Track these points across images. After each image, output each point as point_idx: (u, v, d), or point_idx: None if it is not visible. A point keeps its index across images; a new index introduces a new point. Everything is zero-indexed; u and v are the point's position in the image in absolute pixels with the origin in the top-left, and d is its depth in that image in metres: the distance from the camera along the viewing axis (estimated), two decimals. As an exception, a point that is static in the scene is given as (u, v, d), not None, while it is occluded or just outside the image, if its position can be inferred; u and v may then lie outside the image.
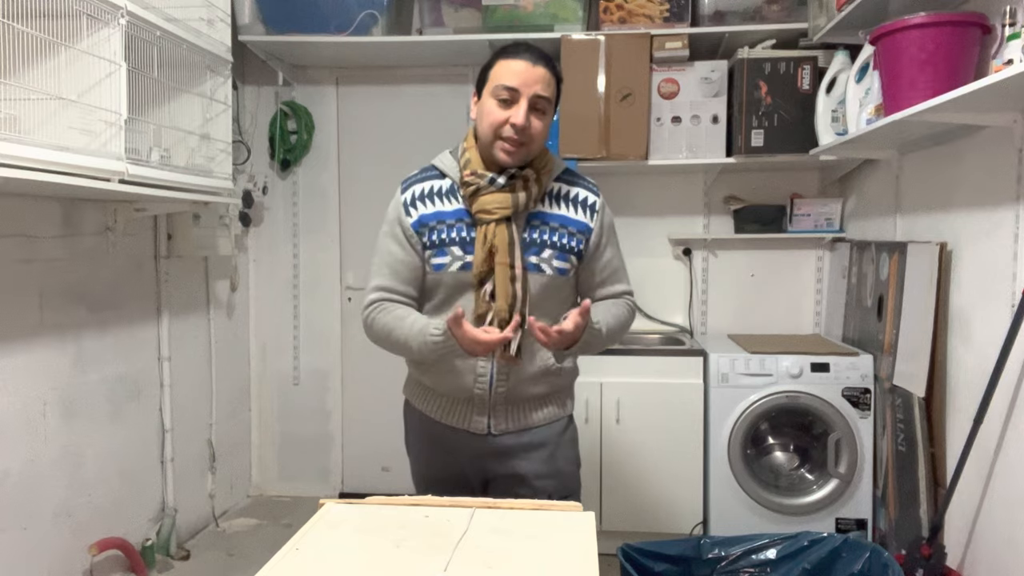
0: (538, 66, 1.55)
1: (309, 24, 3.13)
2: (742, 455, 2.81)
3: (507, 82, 1.53)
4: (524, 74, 1.53)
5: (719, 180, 3.39)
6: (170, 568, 2.87)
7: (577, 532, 1.19)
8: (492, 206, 1.56)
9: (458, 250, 1.60)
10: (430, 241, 1.63)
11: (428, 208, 1.65)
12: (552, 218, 1.63)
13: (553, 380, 1.67)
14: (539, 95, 1.55)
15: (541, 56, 1.57)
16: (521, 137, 1.54)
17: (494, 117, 1.55)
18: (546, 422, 1.68)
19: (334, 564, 1.08)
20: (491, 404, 1.63)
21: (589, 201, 1.67)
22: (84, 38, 1.95)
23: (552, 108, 1.60)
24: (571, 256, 1.63)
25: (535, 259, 1.60)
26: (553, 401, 1.70)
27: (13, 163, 1.71)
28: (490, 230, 1.56)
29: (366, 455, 3.70)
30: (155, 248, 2.91)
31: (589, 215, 1.66)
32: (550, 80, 1.57)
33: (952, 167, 2.32)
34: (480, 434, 1.65)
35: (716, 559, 2.11)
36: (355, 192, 3.65)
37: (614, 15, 3.07)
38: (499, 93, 1.54)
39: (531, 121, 1.55)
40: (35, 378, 2.32)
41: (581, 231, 1.64)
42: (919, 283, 2.35)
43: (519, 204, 1.57)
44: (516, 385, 1.63)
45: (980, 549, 2.12)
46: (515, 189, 1.58)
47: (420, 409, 1.74)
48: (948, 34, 1.94)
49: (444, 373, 1.64)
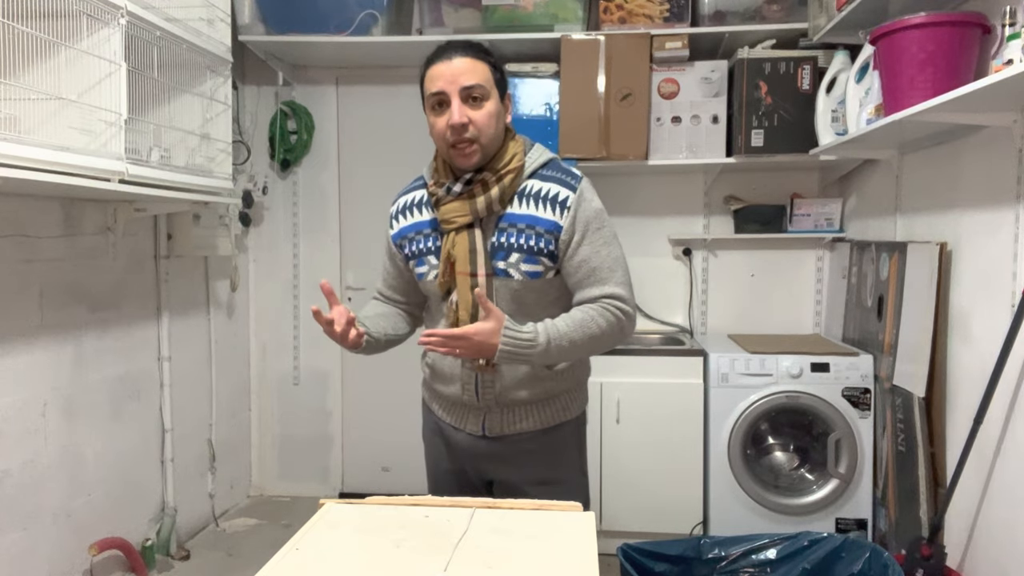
0: (455, 59, 1.50)
1: (309, 24, 3.13)
2: (742, 455, 2.81)
3: (432, 89, 1.51)
4: (445, 74, 1.49)
5: (719, 180, 3.39)
6: (170, 568, 2.87)
7: (577, 532, 1.19)
8: (451, 215, 1.55)
9: (433, 259, 1.60)
10: (410, 252, 1.65)
11: (407, 220, 1.67)
12: (520, 219, 1.55)
13: (548, 385, 1.60)
14: (465, 86, 1.49)
15: (460, 48, 1.52)
16: (465, 134, 1.49)
17: (437, 127, 1.52)
18: (542, 427, 1.62)
19: (334, 564, 1.08)
20: (484, 408, 1.61)
21: (560, 197, 1.55)
22: (84, 38, 1.95)
23: (492, 92, 1.53)
24: (541, 258, 1.54)
25: (503, 264, 1.54)
26: (550, 405, 1.63)
27: (13, 163, 1.71)
28: (451, 239, 1.55)
29: (366, 455, 3.70)
30: (155, 248, 2.91)
31: (559, 212, 1.54)
32: (474, 66, 1.50)
33: (952, 167, 2.31)
34: (476, 435, 1.64)
35: (716, 559, 2.11)
36: (355, 192, 3.65)
37: (614, 15, 3.07)
38: (432, 102, 1.52)
39: (470, 115, 1.49)
40: (35, 378, 2.32)
41: (550, 231, 1.54)
42: (919, 283, 2.35)
43: (478, 209, 1.53)
44: (503, 391, 1.58)
45: (980, 549, 2.12)
46: (473, 195, 1.53)
47: (429, 406, 1.76)
48: (948, 34, 1.94)
49: (438, 378, 1.66)
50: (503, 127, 1.58)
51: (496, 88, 1.55)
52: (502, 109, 1.57)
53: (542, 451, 1.63)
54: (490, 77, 1.54)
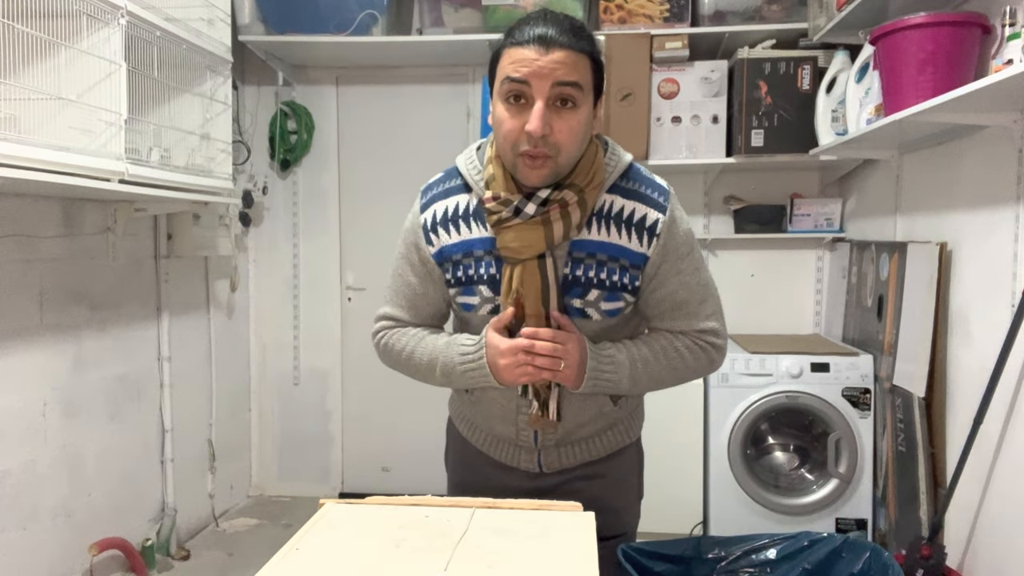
0: (554, 50, 1.16)
1: (309, 24, 3.13)
2: (742, 455, 2.81)
3: (513, 74, 1.17)
4: (535, 62, 1.16)
5: (719, 180, 3.39)
6: (170, 568, 2.87)
7: (577, 532, 1.19)
8: (518, 244, 1.24)
9: (487, 290, 1.31)
10: (455, 278, 1.34)
11: (452, 237, 1.33)
12: (600, 248, 1.27)
13: (611, 414, 1.41)
14: (561, 82, 1.17)
15: (562, 32, 1.18)
16: (543, 148, 1.18)
17: (507, 126, 1.20)
18: (605, 454, 1.44)
19: (334, 564, 1.08)
20: (540, 448, 1.41)
21: (648, 222, 1.29)
22: (84, 38, 1.95)
23: (588, 97, 1.22)
24: (624, 294, 1.30)
25: (579, 303, 1.28)
26: (612, 432, 1.45)
27: (13, 163, 1.71)
28: (516, 272, 1.25)
29: (366, 455, 3.70)
30: (155, 248, 2.91)
31: (647, 242, 1.28)
32: (577, 60, 1.18)
33: (952, 167, 2.31)
34: (531, 472, 1.43)
35: (716, 559, 2.11)
36: (355, 192, 3.65)
37: (614, 15, 3.07)
38: (506, 91, 1.19)
39: (553, 124, 1.18)
40: (35, 378, 2.32)
41: (636, 265, 1.28)
42: (919, 283, 2.35)
43: (554, 238, 1.24)
44: (567, 434, 1.38)
45: (980, 549, 2.12)
46: (548, 220, 1.23)
47: (464, 435, 1.50)
48: (948, 34, 1.94)
49: (483, 413, 1.43)
50: (589, 139, 1.27)
51: (592, 92, 1.24)
52: (592, 117, 1.25)
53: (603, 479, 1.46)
54: (590, 78, 1.22)
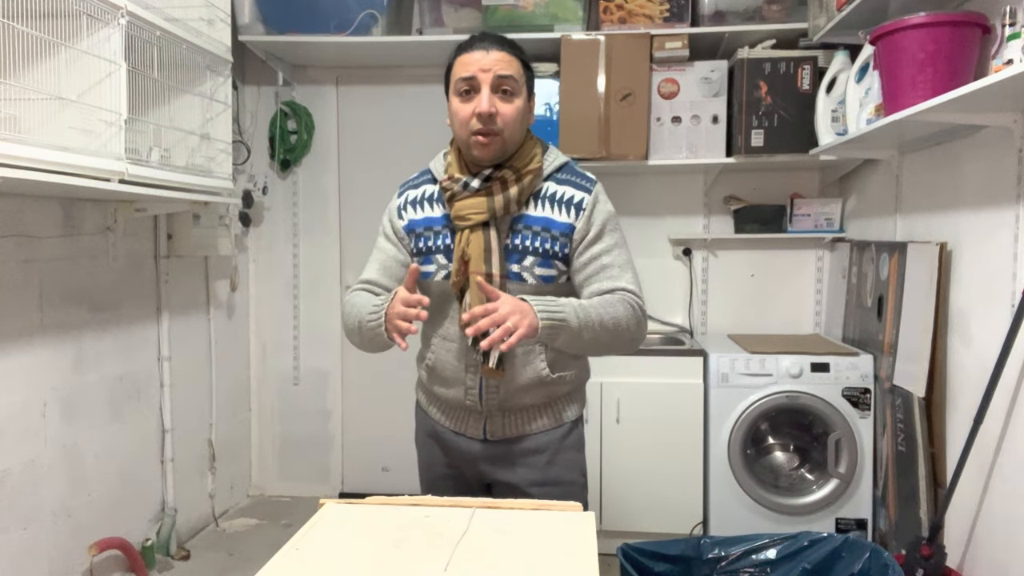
0: (493, 51, 1.49)
1: (309, 24, 3.13)
2: (742, 455, 2.81)
3: (463, 73, 1.49)
4: (480, 61, 1.48)
5: (719, 180, 3.39)
6: (170, 568, 2.87)
7: (577, 532, 1.19)
8: (467, 211, 1.50)
9: (442, 258, 1.56)
10: (417, 248, 1.61)
11: (418, 214, 1.62)
12: (535, 221, 1.53)
13: (551, 389, 1.60)
14: (500, 75, 1.48)
15: (497, 41, 1.51)
16: (491, 125, 1.47)
17: (461, 113, 1.50)
18: (544, 429, 1.62)
19: (334, 564, 1.08)
20: (485, 413, 1.60)
21: (576, 200, 1.55)
22: (84, 38, 1.95)
23: (522, 89, 1.53)
24: (556, 261, 1.53)
25: (516, 267, 1.52)
26: (552, 408, 1.63)
27: (13, 163, 1.71)
28: (465, 237, 1.50)
29: (366, 455, 3.70)
30: (155, 248, 2.91)
31: (574, 215, 1.54)
32: (511, 60, 1.50)
33: (952, 167, 2.31)
34: (477, 439, 1.63)
35: (716, 559, 2.11)
36: (355, 192, 3.65)
37: (614, 15, 3.07)
38: (459, 88, 1.50)
39: (498, 107, 1.47)
40: (35, 378, 2.32)
41: (564, 233, 1.53)
42: (919, 283, 2.35)
43: (496, 208, 1.50)
44: (508, 397, 1.57)
45: (980, 549, 2.12)
46: (492, 192, 1.50)
47: (425, 410, 1.73)
48: (948, 34, 1.94)
49: (438, 381, 1.64)
50: (526, 127, 1.57)
51: (525, 87, 1.54)
52: (527, 109, 1.56)
53: (543, 453, 1.62)
54: (522, 74, 1.53)
